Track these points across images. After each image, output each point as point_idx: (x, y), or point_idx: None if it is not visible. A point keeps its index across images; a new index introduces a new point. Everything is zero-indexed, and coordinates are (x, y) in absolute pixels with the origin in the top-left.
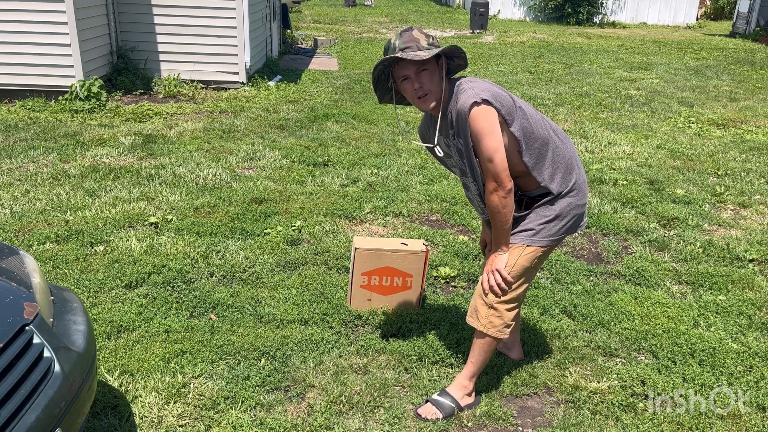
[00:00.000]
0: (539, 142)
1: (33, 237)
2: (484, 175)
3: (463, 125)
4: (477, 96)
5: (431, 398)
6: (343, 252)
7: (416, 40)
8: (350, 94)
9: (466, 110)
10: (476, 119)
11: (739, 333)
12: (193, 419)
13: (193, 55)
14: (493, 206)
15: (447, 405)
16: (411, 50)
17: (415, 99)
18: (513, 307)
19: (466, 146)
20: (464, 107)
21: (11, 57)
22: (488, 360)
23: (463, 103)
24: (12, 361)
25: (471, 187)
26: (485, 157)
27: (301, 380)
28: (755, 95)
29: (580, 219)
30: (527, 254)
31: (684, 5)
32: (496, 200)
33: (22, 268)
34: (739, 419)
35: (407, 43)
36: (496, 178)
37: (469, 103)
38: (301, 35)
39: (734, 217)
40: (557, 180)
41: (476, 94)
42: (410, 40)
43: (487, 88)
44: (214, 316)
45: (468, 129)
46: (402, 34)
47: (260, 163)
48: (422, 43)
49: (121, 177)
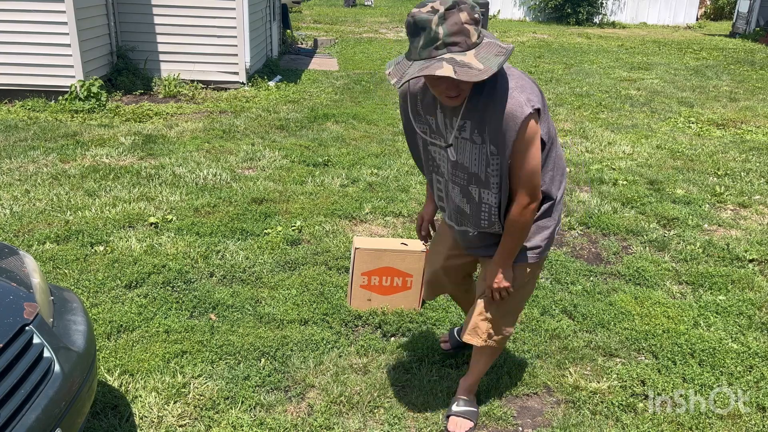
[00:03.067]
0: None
1: (33, 237)
2: (517, 188)
3: (507, 132)
4: (530, 103)
5: (453, 412)
6: (343, 252)
7: (466, 32)
8: (350, 94)
9: (519, 120)
10: (528, 129)
11: (739, 333)
12: (193, 419)
13: (193, 55)
14: (522, 221)
15: (471, 412)
16: (459, 47)
17: (444, 97)
18: (514, 320)
19: (500, 153)
20: (516, 115)
21: (11, 57)
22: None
23: (514, 110)
24: (12, 362)
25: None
26: (529, 168)
27: (301, 380)
28: (755, 95)
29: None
30: (536, 271)
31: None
32: (528, 215)
33: (22, 268)
34: (739, 419)
35: (455, 36)
36: (534, 190)
37: (525, 113)
38: (301, 35)
39: (734, 217)
40: (556, 183)
41: (529, 100)
42: (459, 30)
43: (531, 88)
44: (214, 316)
45: (512, 137)
46: (447, 15)
47: (260, 163)
48: (472, 37)
49: (121, 177)
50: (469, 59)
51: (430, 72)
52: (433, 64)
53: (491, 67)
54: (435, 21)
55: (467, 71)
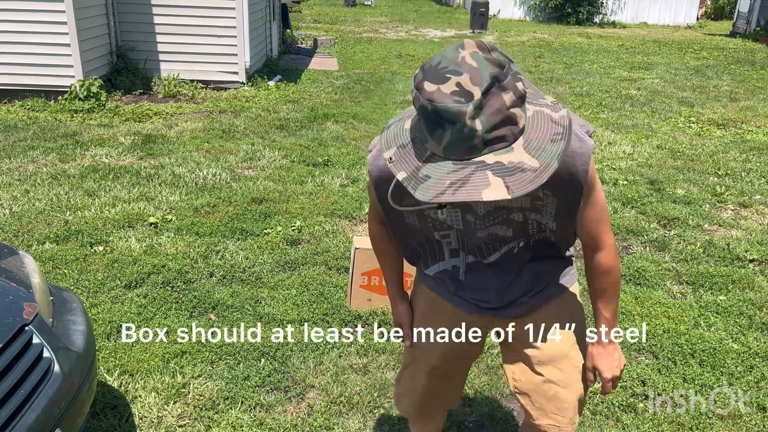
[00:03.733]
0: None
1: (32, 237)
2: (590, 239)
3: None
4: (584, 128)
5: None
6: (343, 252)
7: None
8: (350, 93)
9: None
10: (592, 171)
11: (740, 333)
12: (193, 419)
13: (192, 54)
14: (616, 269)
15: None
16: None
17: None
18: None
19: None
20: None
21: (11, 57)
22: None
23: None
24: (11, 362)
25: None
26: (599, 215)
27: (301, 380)
28: (755, 95)
29: None
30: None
31: (684, 5)
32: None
33: (22, 268)
34: (739, 419)
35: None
36: (609, 234)
37: (590, 147)
38: (301, 35)
39: (734, 217)
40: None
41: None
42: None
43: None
44: (213, 316)
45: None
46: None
47: (260, 163)
48: (520, 121)
49: (121, 177)
50: (518, 154)
51: (472, 196)
52: (471, 179)
53: (550, 162)
54: (469, 113)
55: (520, 178)
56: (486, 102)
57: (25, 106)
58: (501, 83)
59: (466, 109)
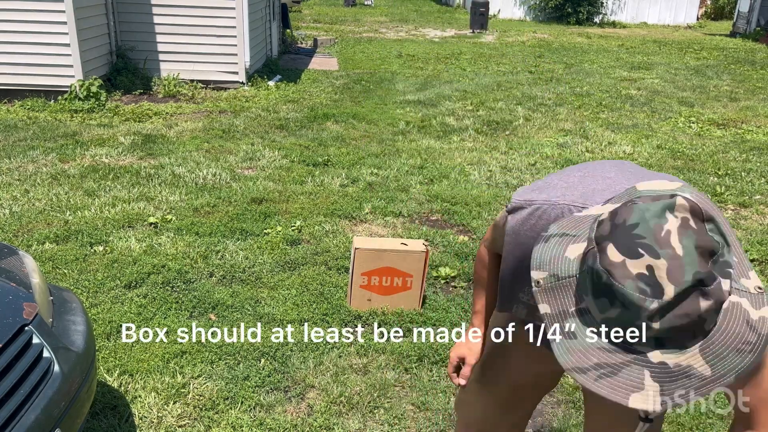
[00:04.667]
0: None
1: (32, 237)
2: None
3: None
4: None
5: None
6: (343, 252)
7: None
8: (350, 93)
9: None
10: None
11: None
12: (193, 419)
13: (192, 54)
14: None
15: None
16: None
17: None
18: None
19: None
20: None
21: (11, 57)
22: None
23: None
24: (11, 362)
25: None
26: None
27: (301, 380)
28: (756, 95)
29: None
30: None
31: (684, 5)
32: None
33: (22, 268)
34: None
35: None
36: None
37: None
38: (301, 35)
39: (735, 217)
40: None
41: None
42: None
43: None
44: (213, 316)
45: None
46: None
47: (260, 162)
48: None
49: (121, 177)
50: (690, 357)
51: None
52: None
53: (725, 375)
54: (650, 312)
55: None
56: (676, 305)
57: (25, 106)
58: (704, 288)
59: (649, 306)
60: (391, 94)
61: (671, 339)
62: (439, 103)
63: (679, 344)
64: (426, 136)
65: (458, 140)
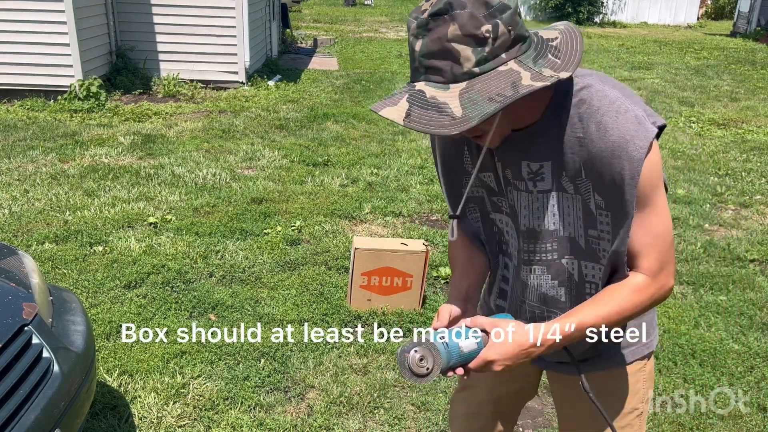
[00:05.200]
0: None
1: (32, 237)
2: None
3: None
4: (652, 119)
5: None
6: (343, 252)
7: (453, 54)
8: (350, 93)
9: (643, 145)
10: (655, 160)
11: (740, 333)
12: (193, 420)
13: (192, 54)
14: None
15: None
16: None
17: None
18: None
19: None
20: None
21: (11, 57)
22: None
23: (633, 130)
24: (11, 362)
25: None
26: (663, 224)
27: (301, 381)
28: (756, 95)
29: None
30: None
31: (684, 5)
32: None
33: (21, 268)
34: (739, 419)
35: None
36: (670, 261)
37: (651, 133)
38: (301, 35)
39: (735, 217)
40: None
41: (648, 114)
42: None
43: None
44: (213, 316)
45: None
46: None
47: (260, 162)
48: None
49: (120, 177)
50: (449, 96)
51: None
52: (393, 97)
53: (471, 118)
54: (413, 30)
55: (431, 118)
56: (431, 26)
57: (25, 106)
58: (453, 13)
59: (411, 25)
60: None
61: (432, 69)
62: None
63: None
64: (426, 136)
65: None
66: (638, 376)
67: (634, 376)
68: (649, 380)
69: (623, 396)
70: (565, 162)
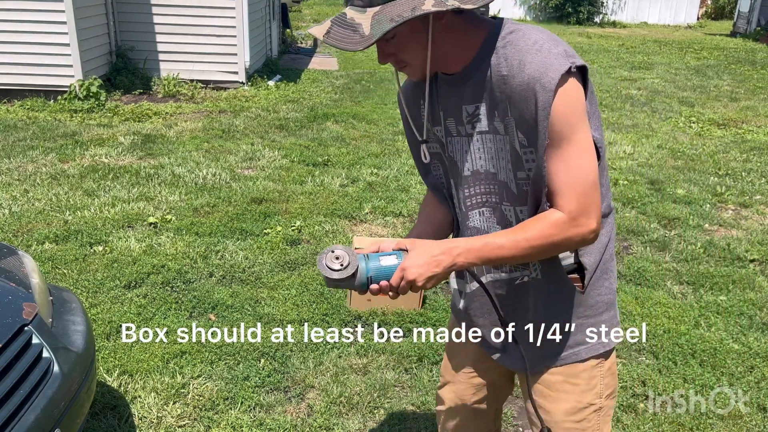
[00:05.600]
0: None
1: (32, 237)
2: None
3: (537, 101)
4: (570, 58)
5: None
6: None
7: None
8: (350, 93)
9: (554, 78)
10: (569, 94)
11: (740, 333)
12: (193, 420)
13: (192, 54)
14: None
15: None
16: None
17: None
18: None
19: (533, 141)
20: (549, 71)
21: (10, 57)
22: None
23: (545, 64)
24: (11, 362)
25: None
26: (578, 163)
27: (301, 381)
28: (756, 95)
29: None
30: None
31: (684, 5)
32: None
33: (21, 268)
34: (739, 420)
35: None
36: (586, 201)
37: (562, 68)
38: (301, 35)
39: (735, 217)
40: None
41: (567, 54)
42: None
43: (567, 46)
44: (213, 316)
45: (545, 108)
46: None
47: (260, 162)
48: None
49: (120, 177)
50: (365, 18)
51: (312, 30)
52: (325, 21)
53: (373, 34)
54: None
55: (345, 35)
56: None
57: (25, 106)
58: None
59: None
60: (391, 93)
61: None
62: None
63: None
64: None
65: None
66: (594, 372)
67: (589, 371)
68: (609, 376)
69: (577, 391)
70: (495, 102)
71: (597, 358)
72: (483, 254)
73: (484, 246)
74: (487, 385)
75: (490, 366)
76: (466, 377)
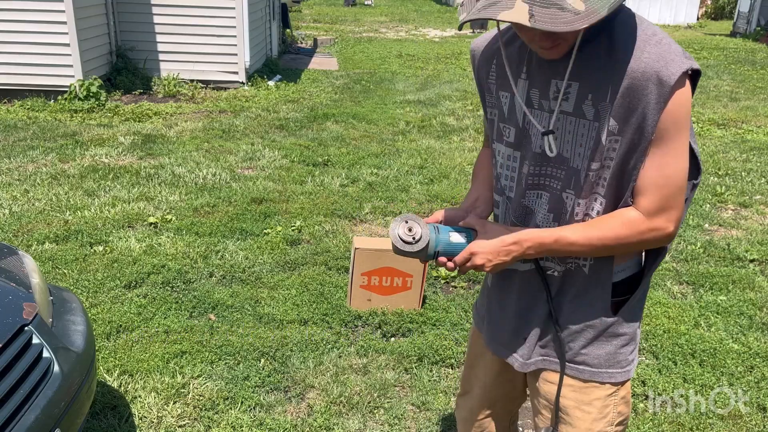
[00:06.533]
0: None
1: (32, 237)
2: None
3: (647, 94)
4: (688, 60)
5: None
6: (343, 252)
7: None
8: (350, 93)
9: (674, 76)
10: (684, 98)
11: (740, 333)
12: (193, 420)
13: (192, 54)
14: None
15: None
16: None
17: (536, 47)
18: None
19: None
20: (669, 67)
21: (11, 57)
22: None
23: (666, 59)
24: (11, 362)
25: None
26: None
27: (301, 381)
28: (756, 95)
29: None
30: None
31: (684, 5)
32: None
33: (21, 268)
34: (739, 419)
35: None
36: (675, 207)
37: (683, 67)
38: (301, 35)
39: (735, 217)
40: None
41: (683, 53)
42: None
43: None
44: (213, 316)
45: (656, 105)
46: None
47: (260, 162)
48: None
49: (121, 177)
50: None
51: (489, 14)
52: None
53: (598, 9)
54: None
55: (554, 15)
56: None
57: (25, 106)
58: None
59: None
60: (391, 94)
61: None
62: (439, 103)
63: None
64: (426, 136)
65: (458, 140)
66: (608, 401)
67: (603, 400)
68: (622, 405)
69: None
70: (594, 84)
71: (615, 386)
72: (553, 249)
73: (555, 243)
74: (505, 395)
75: (509, 378)
76: (486, 389)
